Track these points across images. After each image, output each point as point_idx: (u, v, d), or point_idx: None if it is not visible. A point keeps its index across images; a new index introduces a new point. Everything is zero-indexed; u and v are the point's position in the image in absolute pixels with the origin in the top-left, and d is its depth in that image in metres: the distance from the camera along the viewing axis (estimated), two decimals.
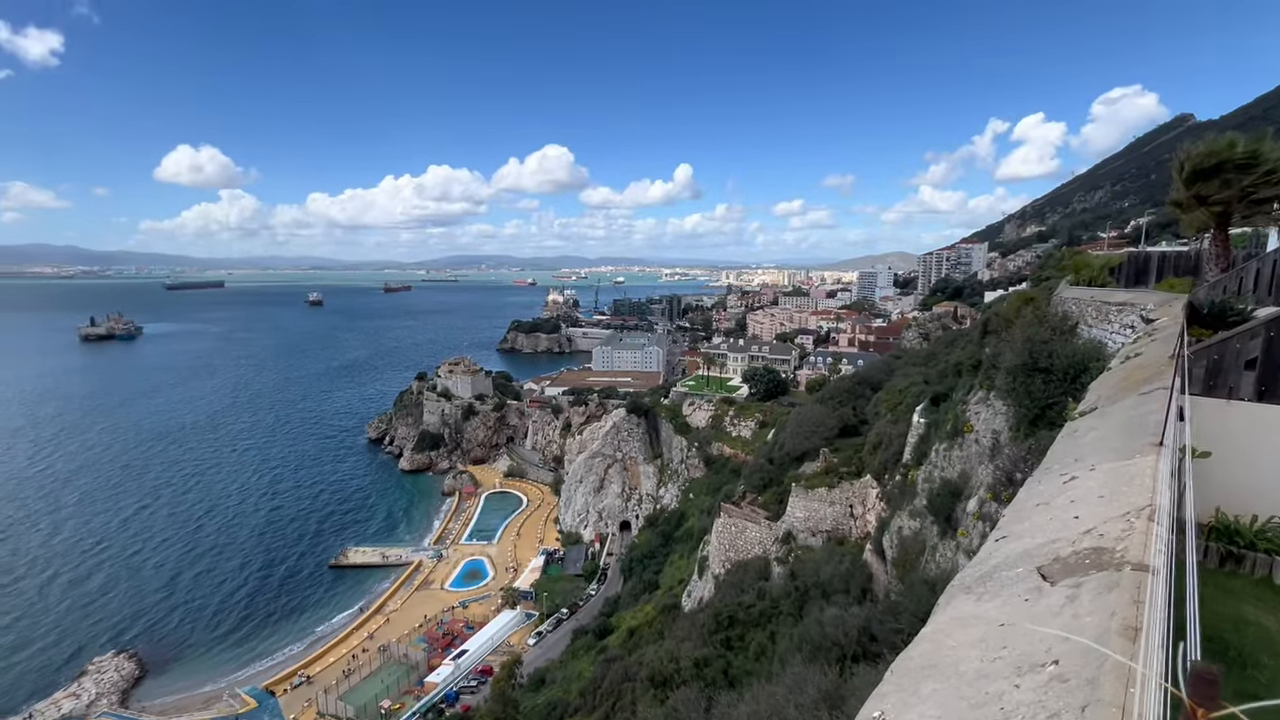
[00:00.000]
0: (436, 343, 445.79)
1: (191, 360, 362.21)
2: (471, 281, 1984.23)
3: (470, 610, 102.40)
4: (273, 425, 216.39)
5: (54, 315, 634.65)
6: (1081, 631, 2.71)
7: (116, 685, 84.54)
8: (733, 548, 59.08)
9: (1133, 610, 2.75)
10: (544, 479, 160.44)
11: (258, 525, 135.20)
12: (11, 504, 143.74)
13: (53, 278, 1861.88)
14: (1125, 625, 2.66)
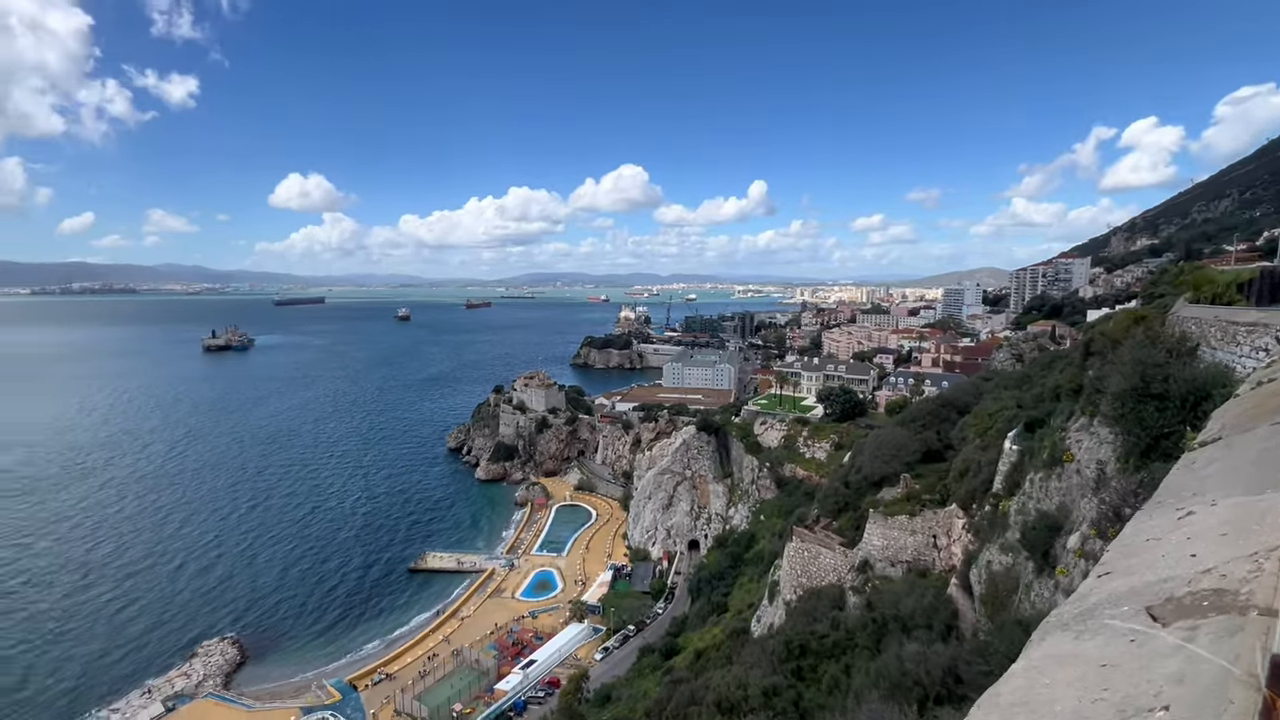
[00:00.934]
0: (513, 357, 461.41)
1: (295, 370, 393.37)
2: (547, 298, 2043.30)
3: (539, 621, 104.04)
4: (365, 432, 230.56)
5: (182, 328, 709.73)
6: (1198, 678, 2.49)
7: (221, 669, 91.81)
8: (805, 574, 57.03)
9: (1259, 658, 2.50)
10: (613, 494, 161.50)
11: (351, 526, 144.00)
12: (152, 496, 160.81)
13: (182, 294, 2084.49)
14: (1249, 673, 2.42)
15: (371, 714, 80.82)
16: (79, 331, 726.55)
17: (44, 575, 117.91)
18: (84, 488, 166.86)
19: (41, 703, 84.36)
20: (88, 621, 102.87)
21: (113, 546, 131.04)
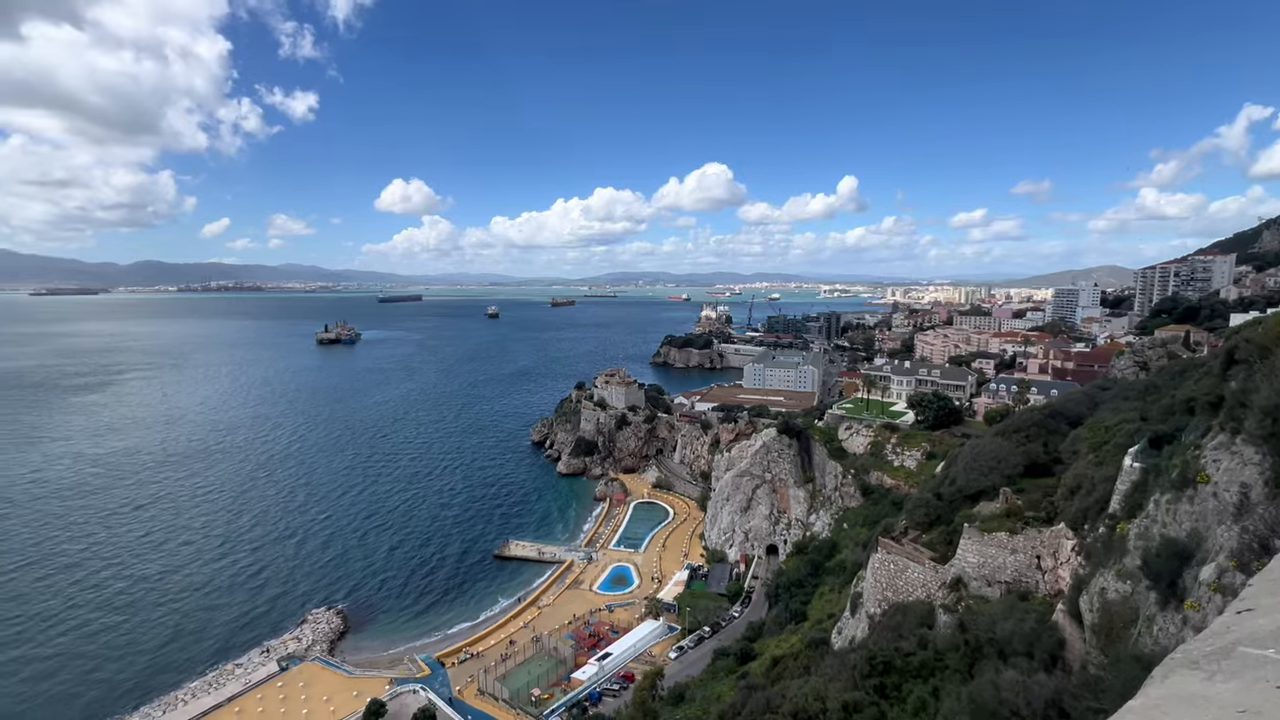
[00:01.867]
0: (595, 354, 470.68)
1: (396, 363, 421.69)
2: (629, 297, 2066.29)
3: (615, 615, 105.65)
4: (457, 424, 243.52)
5: (299, 322, 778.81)
6: None
7: (327, 636, 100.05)
8: (891, 587, 54.38)
9: None
10: (691, 493, 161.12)
11: (445, 512, 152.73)
12: (277, 474, 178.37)
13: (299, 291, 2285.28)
14: None
15: (457, 690, 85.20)
16: (215, 324, 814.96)
17: (193, 539, 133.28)
18: (221, 463, 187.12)
19: (184, 654, 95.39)
20: (225, 584, 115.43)
21: (246, 518, 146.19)
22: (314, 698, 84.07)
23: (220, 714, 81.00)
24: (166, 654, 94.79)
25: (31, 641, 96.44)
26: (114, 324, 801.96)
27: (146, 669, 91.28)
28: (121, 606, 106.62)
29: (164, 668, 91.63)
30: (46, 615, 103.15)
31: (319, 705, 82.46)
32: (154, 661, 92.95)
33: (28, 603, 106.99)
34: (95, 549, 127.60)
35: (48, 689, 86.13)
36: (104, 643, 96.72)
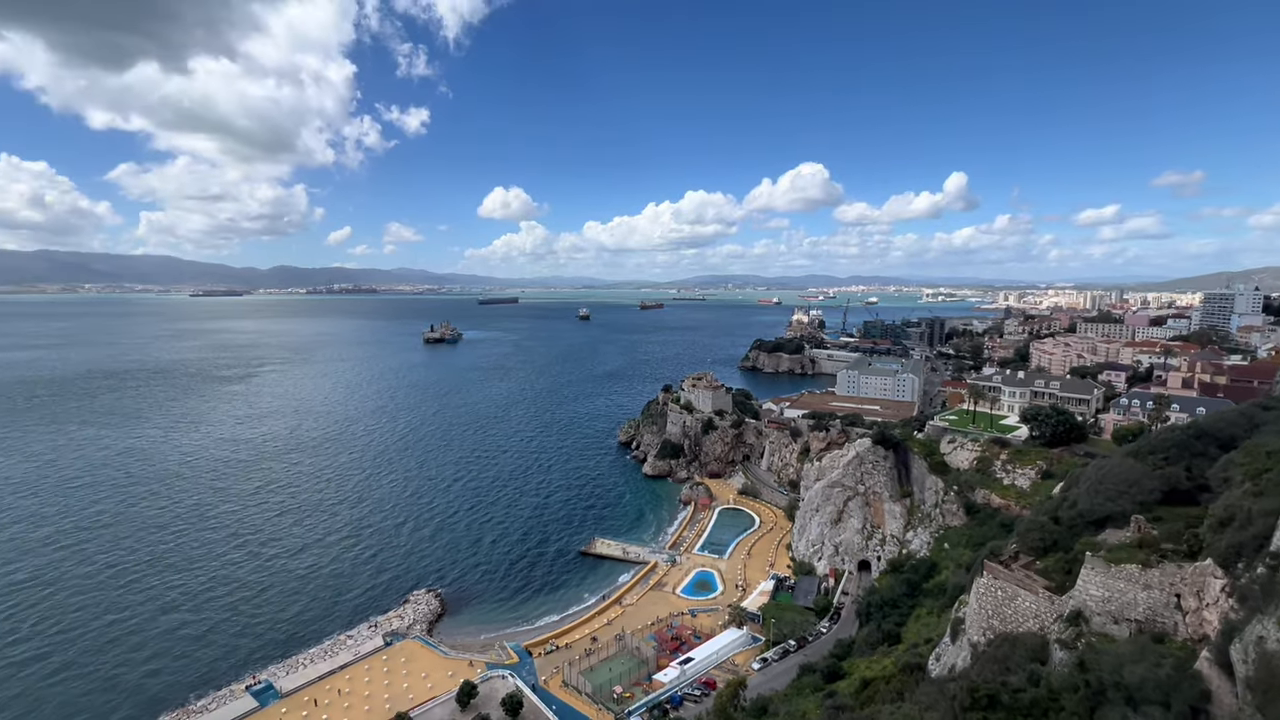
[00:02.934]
0: (682, 358, 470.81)
1: (493, 362, 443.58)
2: (718, 300, 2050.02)
3: (698, 620, 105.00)
4: (548, 421, 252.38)
5: (409, 322, 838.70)
6: None
7: (425, 616, 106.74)
8: (997, 615, 50.22)
9: None
10: (778, 501, 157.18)
11: (535, 505, 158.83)
12: (386, 461, 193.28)
13: (409, 294, 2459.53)
14: None
15: (543, 680, 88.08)
16: (337, 323, 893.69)
17: (318, 519, 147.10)
18: (341, 451, 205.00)
19: (307, 622, 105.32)
20: (342, 561, 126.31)
21: (358, 501, 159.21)
22: (414, 674, 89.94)
23: (334, 680, 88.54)
24: (294, 620, 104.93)
25: (191, 608, 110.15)
26: (255, 322, 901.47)
27: (280, 631, 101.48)
28: (260, 576, 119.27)
29: (291, 633, 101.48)
30: (205, 578, 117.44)
31: (418, 681, 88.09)
32: (284, 626, 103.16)
33: (188, 570, 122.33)
34: (240, 522, 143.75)
35: (195, 643, 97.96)
36: (246, 606, 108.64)
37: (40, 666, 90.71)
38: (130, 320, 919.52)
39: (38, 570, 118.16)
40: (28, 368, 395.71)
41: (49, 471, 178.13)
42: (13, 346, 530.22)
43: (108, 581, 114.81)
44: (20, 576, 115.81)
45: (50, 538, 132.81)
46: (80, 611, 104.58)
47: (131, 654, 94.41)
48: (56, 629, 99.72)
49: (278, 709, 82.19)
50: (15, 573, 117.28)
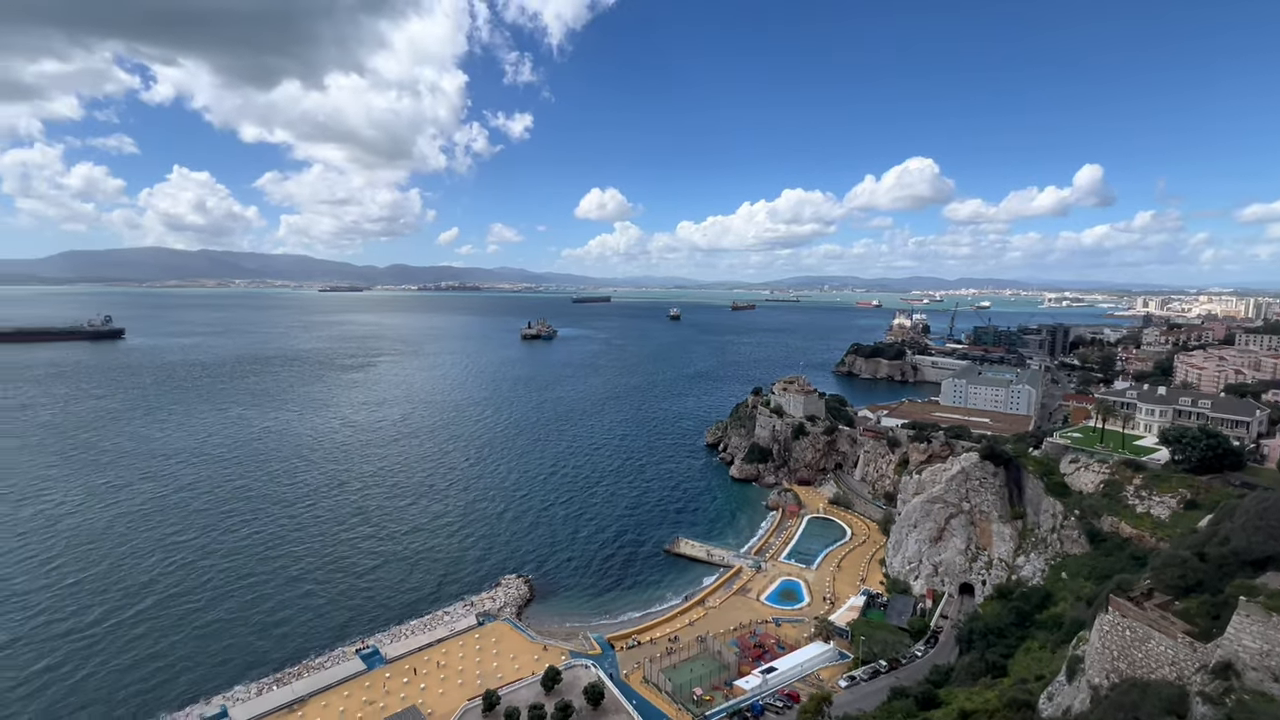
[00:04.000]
0: (773, 360, 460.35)
1: (586, 359, 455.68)
2: (813, 302, 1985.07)
3: (782, 629, 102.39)
4: (636, 419, 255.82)
5: (508, 319, 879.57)
6: None
7: (515, 600, 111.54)
8: (1124, 658, 45.07)
9: None
10: (871, 514, 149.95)
11: (622, 501, 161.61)
12: (486, 449, 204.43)
13: (509, 292, 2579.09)
14: None
15: (624, 673, 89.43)
16: (443, 318, 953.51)
17: (424, 501, 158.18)
18: (445, 438, 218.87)
19: (409, 595, 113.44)
20: (444, 543, 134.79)
21: (464, 487, 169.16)
22: (503, 654, 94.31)
23: (431, 651, 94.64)
24: (400, 594, 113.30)
25: (312, 579, 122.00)
26: (373, 316, 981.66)
27: (387, 603, 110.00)
28: (375, 551, 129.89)
29: (397, 605, 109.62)
30: (328, 549, 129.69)
31: (506, 661, 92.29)
32: (391, 599, 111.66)
33: (315, 541, 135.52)
34: (360, 500, 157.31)
35: (316, 607, 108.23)
36: (361, 578, 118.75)
37: (198, 615, 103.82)
38: (269, 312, 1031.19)
39: (201, 531, 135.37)
40: (191, 352, 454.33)
41: (205, 446, 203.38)
42: (180, 334, 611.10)
43: (248, 548, 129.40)
44: (184, 538, 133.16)
45: (205, 505, 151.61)
46: (227, 572, 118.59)
47: (264, 612, 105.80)
48: (210, 584, 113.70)
49: (381, 674, 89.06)
50: (180, 534, 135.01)
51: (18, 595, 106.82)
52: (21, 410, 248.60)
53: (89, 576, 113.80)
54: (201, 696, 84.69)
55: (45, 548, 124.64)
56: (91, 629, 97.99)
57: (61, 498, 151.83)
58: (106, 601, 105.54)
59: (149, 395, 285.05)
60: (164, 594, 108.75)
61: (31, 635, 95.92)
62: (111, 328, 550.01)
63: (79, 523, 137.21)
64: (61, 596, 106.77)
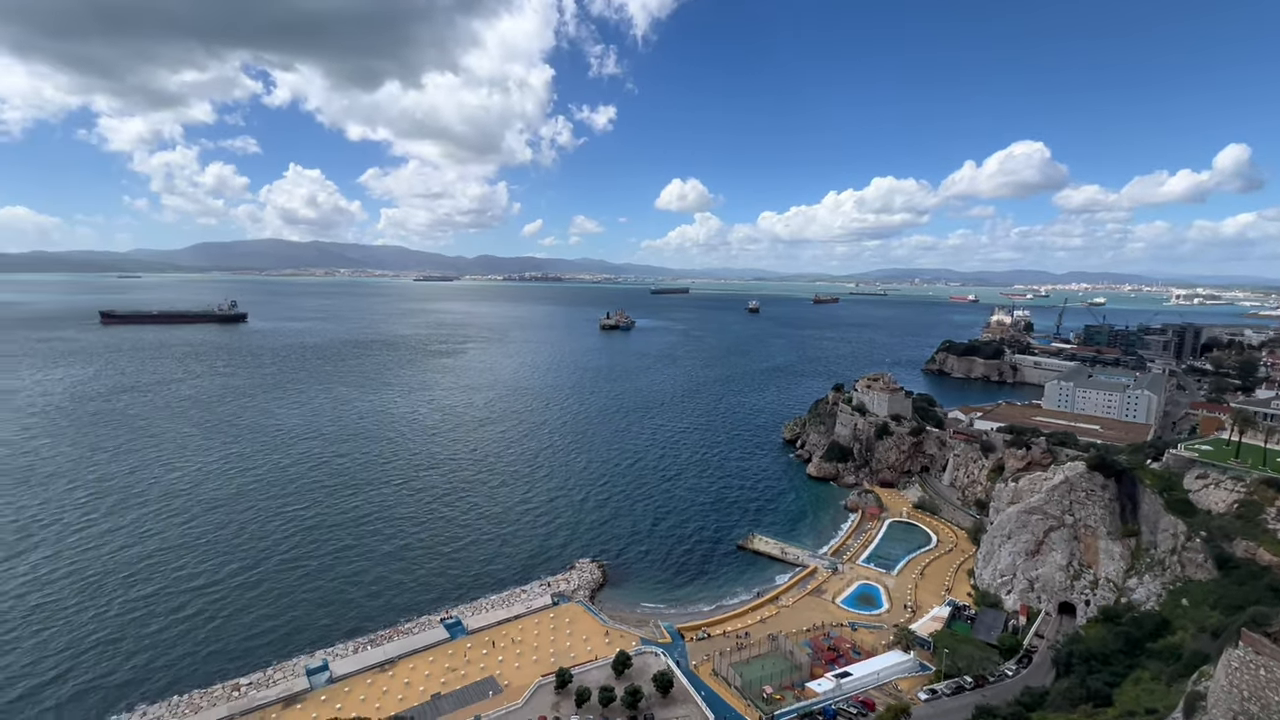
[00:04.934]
0: (857, 356, 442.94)
1: (662, 350, 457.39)
2: (901, 296, 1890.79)
3: (859, 635, 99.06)
4: (712, 411, 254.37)
5: (587, 309, 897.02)
6: None
7: (588, 584, 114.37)
8: (1257, 699, 40.23)
9: None
10: (960, 521, 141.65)
11: (697, 493, 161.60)
12: (568, 437, 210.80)
13: (589, 282, 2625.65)
14: None
15: (693, 664, 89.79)
16: (527, 308, 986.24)
17: (508, 482, 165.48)
18: (527, 423, 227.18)
19: (491, 571, 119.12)
20: (525, 523, 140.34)
21: (548, 472, 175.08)
22: (575, 634, 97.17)
23: (508, 627, 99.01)
24: (483, 569, 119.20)
25: (403, 553, 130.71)
26: (462, 304, 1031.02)
27: (470, 577, 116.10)
28: (463, 526, 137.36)
29: (479, 580, 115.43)
30: (422, 522, 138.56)
31: (579, 642, 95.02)
32: (475, 573, 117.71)
33: (410, 515, 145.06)
34: (451, 479, 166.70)
35: (407, 575, 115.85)
36: (449, 552, 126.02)
37: (308, 578, 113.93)
38: (369, 299, 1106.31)
39: (311, 502, 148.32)
40: (302, 336, 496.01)
41: (315, 422, 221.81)
42: (293, 318, 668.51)
43: (350, 519, 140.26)
44: (296, 507, 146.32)
45: (315, 478, 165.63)
46: (332, 540, 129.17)
47: (363, 578, 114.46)
48: (318, 551, 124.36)
49: (463, 643, 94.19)
50: (293, 503, 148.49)
51: (165, 549, 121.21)
52: (167, 384, 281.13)
53: (220, 536, 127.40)
54: (307, 649, 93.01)
55: (186, 508, 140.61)
56: (222, 583, 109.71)
57: (199, 464, 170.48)
58: (233, 559, 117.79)
59: (268, 374, 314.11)
60: (279, 556, 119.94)
61: (174, 585, 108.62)
62: (236, 312, 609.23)
63: (213, 487, 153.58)
64: (197, 553, 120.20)
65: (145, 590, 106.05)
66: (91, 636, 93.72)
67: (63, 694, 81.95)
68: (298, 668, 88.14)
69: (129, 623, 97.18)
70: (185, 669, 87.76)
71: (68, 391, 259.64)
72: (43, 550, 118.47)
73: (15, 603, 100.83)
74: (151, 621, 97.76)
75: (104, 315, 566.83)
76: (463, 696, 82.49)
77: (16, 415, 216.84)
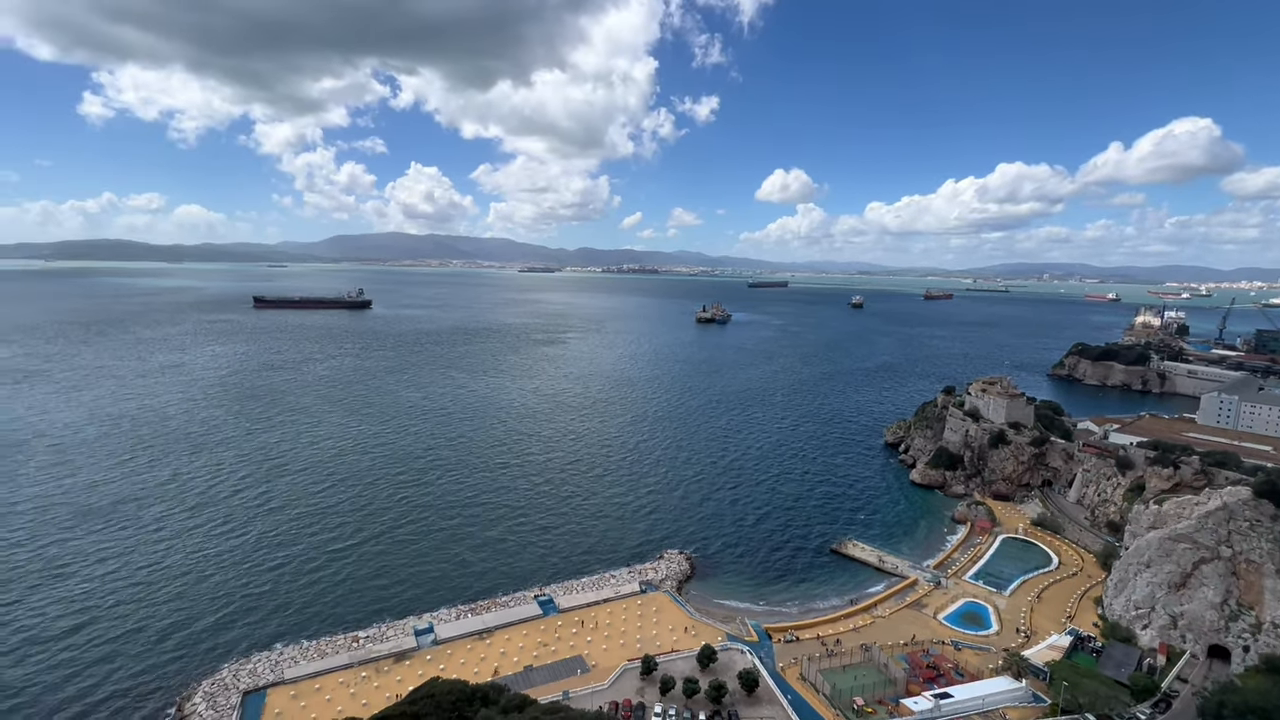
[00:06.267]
0: (971, 357, 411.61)
1: (758, 345, 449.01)
2: (1026, 292, 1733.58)
3: (962, 655, 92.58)
4: (809, 409, 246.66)
5: (683, 302, 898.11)
6: None
7: (675, 574, 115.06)
8: None
9: None
10: (1086, 543, 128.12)
11: (791, 492, 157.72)
12: (665, 429, 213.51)
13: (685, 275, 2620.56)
14: None
15: (780, 666, 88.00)
16: (623, 299, 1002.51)
17: (605, 469, 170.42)
18: (623, 413, 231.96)
19: (583, 554, 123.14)
20: (619, 510, 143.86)
21: (638, 461, 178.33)
22: (661, 624, 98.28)
23: (597, 610, 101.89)
24: (576, 551, 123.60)
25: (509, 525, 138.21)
26: (562, 295, 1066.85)
27: (564, 558, 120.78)
28: (561, 510, 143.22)
29: (572, 561, 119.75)
30: (522, 504, 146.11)
31: (665, 632, 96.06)
32: (568, 554, 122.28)
33: (511, 496, 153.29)
34: (548, 464, 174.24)
35: (507, 552, 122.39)
36: (547, 533, 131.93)
37: (419, 547, 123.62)
38: (478, 289, 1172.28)
39: (421, 475, 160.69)
40: (419, 323, 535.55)
41: (429, 403, 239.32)
42: (411, 306, 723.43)
43: (458, 495, 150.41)
44: (411, 480, 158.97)
45: (428, 455, 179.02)
46: (441, 513, 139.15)
47: (467, 551, 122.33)
48: (428, 522, 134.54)
49: (554, 621, 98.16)
50: (408, 477, 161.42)
51: (306, 514, 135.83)
52: (306, 363, 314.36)
53: (345, 502, 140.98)
54: (416, 612, 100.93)
55: (321, 477, 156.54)
56: (351, 548, 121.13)
57: (333, 438, 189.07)
58: (360, 527, 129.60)
59: (390, 357, 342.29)
60: (398, 527, 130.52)
61: (313, 546, 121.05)
62: (363, 299, 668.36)
63: (345, 461, 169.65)
64: (325, 517, 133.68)
65: (290, 549, 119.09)
66: (247, 584, 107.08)
67: (220, 630, 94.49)
68: (407, 628, 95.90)
69: (277, 576, 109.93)
70: (315, 619, 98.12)
71: (228, 366, 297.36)
72: (218, 508, 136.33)
73: (197, 555, 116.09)
74: (293, 576, 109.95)
75: (256, 300, 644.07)
76: (553, 671, 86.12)
77: (188, 387, 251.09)
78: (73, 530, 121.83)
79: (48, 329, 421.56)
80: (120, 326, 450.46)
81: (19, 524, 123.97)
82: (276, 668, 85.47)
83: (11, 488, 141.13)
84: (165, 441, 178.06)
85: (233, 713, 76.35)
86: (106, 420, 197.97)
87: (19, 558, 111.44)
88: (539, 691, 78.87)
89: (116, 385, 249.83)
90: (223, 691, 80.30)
